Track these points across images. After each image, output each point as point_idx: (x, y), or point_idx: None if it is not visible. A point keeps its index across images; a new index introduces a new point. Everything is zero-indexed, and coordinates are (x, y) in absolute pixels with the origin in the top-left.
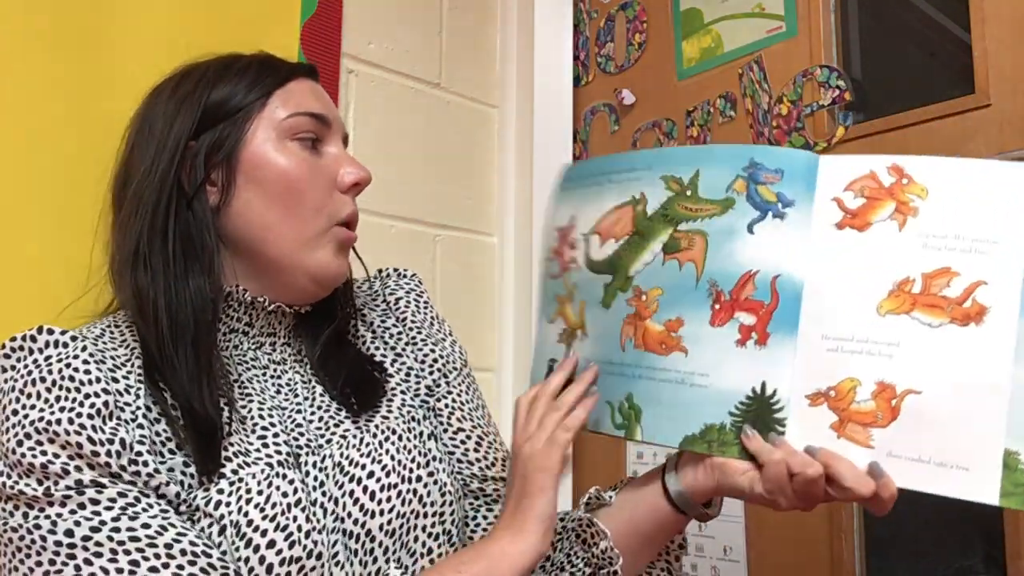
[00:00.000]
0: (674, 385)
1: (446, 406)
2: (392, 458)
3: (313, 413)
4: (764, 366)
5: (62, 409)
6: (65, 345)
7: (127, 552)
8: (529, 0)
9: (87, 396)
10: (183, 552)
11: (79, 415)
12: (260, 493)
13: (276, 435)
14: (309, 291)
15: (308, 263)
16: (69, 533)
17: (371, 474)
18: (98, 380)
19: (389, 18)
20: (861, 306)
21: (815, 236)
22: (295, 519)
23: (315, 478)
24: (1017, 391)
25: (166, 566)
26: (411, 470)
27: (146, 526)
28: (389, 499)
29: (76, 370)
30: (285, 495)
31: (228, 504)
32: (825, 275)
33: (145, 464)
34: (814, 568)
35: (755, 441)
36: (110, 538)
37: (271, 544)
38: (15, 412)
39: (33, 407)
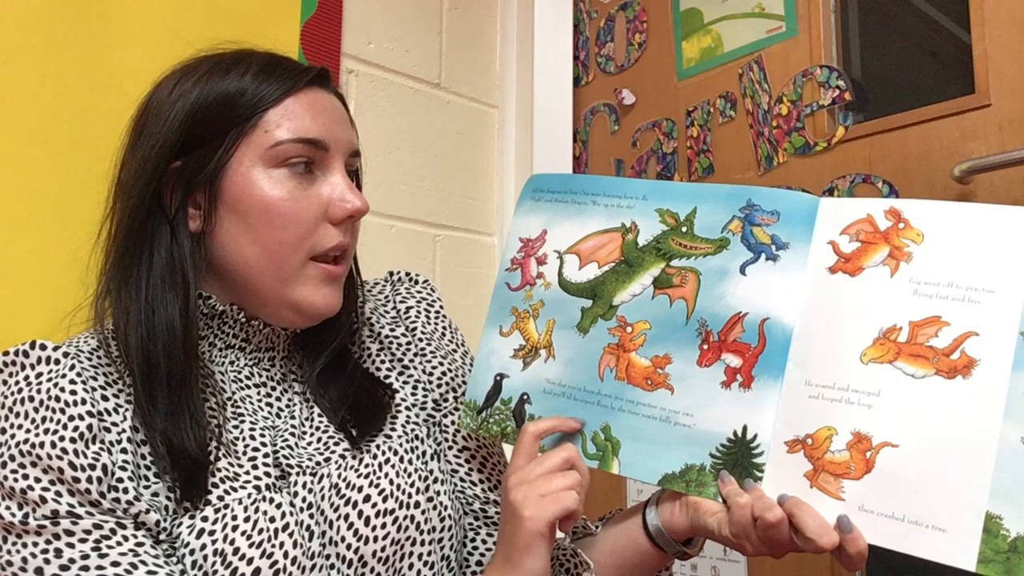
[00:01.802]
0: (658, 422)
1: (452, 423)
2: (391, 482)
3: (312, 434)
4: (747, 409)
5: (47, 431)
6: (57, 362)
7: None
8: (529, 0)
9: (71, 418)
10: None
11: (62, 438)
12: (247, 520)
13: (266, 455)
14: (295, 323)
15: (291, 297)
16: (39, 572)
17: (367, 498)
18: (83, 401)
19: (389, 18)
20: (845, 353)
21: (809, 280)
22: (281, 545)
23: (303, 499)
24: (1004, 450)
25: None
26: (410, 495)
27: (115, 564)
28: (384, 525)
29: (63, 390)
30: (272, 520)
31: (212, 532)
32: (814, 320)
33: (125, 491)
34: (814, 569)
35: (728, 485)
36: None
37: (256, 572)
38: (3, 431)
39: (20, 427)
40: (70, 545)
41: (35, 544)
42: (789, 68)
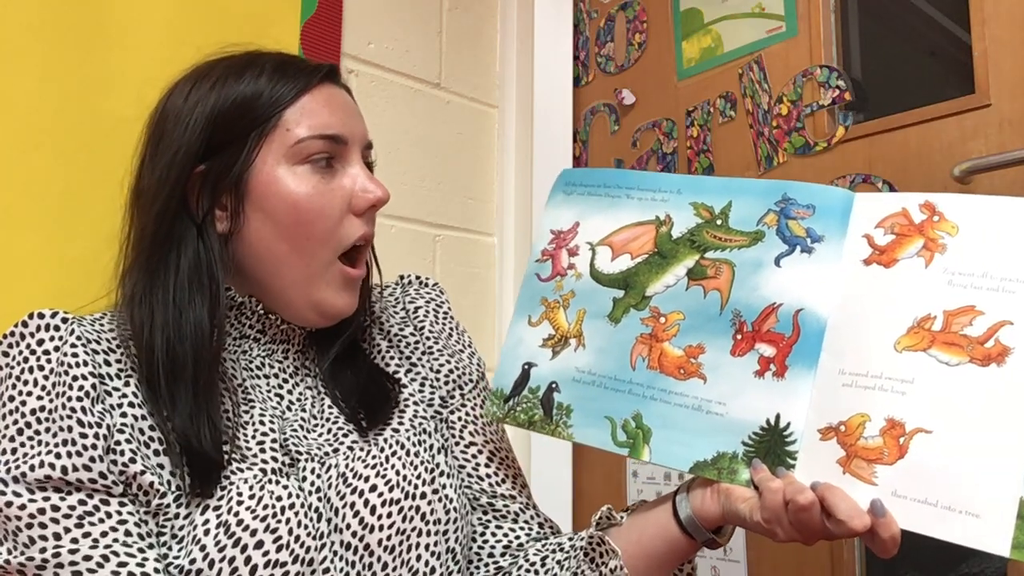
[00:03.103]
0: (690, 411)
1: (459, 419)
2: (397, 473)
3: (322, 426)
4: (780, 398)
5: (58, 395)
6: (56, 328)
7: None
8: (529, 0)
9: (75, 379)
10: None
11: (70, 399)
12: (252, 497)
13: (275, 440)
14: (315, 323)
15: (314, 297)
16: (21, 572)
17: (374, 488)
18: (85, 363)
19: (389, 18)
20: (879, 342)
21: (844, 272)
22: (287, 521)
23: (312, 483)
24: None
25: None
26: (416, 486)
27: (87, 558)
28: (390, 514)
29: (65, 354)
30: (279, 499)
31: (218, 508)
32: (848, 310)
33: (122, 453)
34: (814, 569)
35: (760, 472)
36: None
37: (259, 545)
38: (11, 399)
39: (31, 394)
40: (55, 533)
41: (16, 532)
42: (789, 68)
